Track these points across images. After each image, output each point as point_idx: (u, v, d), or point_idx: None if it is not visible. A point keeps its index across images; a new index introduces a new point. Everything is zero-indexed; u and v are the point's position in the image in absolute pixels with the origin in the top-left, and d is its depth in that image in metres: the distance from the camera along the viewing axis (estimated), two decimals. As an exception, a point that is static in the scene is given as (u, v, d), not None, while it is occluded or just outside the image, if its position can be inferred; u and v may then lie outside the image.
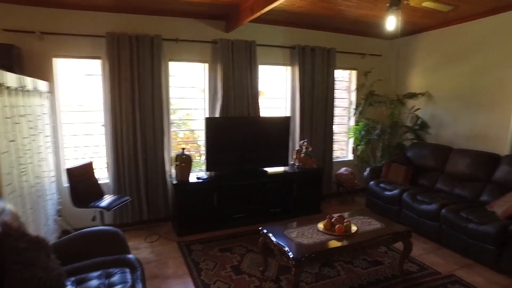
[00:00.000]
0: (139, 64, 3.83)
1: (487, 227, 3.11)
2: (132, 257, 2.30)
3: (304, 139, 4.70)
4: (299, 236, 2.74)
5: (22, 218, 1.93)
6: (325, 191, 4.99)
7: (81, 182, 3.36)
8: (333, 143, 5.20)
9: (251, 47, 4.33)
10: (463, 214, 3.36)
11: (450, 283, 2.88)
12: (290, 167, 4.56)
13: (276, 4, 3.10)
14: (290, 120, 4.55)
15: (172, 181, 3.89)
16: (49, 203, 3.28)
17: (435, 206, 3.66)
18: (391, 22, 2.77)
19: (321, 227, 2.87)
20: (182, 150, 3.85)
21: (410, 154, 4.81)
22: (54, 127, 3.66)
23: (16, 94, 2.59)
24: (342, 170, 5.20)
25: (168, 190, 4.15)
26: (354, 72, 5.42)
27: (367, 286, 2.81)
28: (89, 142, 4.07)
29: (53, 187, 3.48)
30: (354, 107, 5.45)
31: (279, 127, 4.43)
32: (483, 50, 4.17)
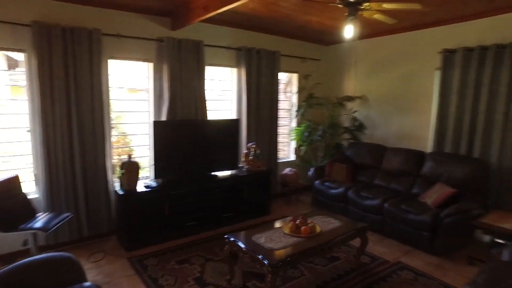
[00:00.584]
0: (75, 60, 3.37)
1: (423, 216, 3.51)
2: (91, 285, 2.00)
3: (252, 142, 4.71)
4: (268, 241, 2.72)
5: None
6: (271, 192, 5.07)
7: (5, 200, 2.81)
8: (278, 144, 5.31)
9: (199, 47, 4.16)
10: (403, 207, 3.73)
11: (399, 269, 3.18)
12: (239, 170, 4.51)
13: (236, 5, 3.03)
14: (239, 123, 4.50)
15: (118, 191, 3.52)
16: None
17: (378, 201, 4.00)
18: (349, 31, 2.93)
19: (287, 230, 2.89)
20: (129, 156, 3.51)
21: (349, 153, 5.18)
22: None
23: None
24: (287, 171, 5.34)
25: (111, 201, 3.74)
26: (296, 75, 5.62)
27: (331, 283, 2.93)
28: (10, 151, 3.44)
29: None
30: (296, 109, 5.66)
31: (228, 130, 4.36)
32: (408, 60, 4.69)
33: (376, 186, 4.54)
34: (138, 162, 3.58)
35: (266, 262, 2.40)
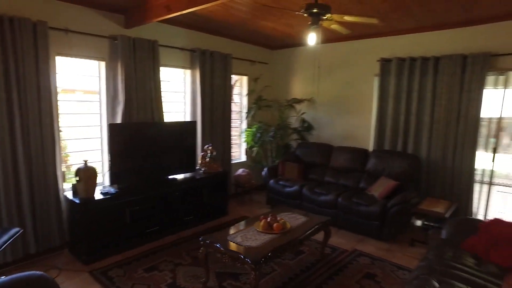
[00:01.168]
0: (16, 55, 2.99)
1: (373, 207, 3.92)
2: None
3: (208, 143, 4.70)
4: (244, 240, 2.78)
5: None
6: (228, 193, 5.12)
7: None
8: (231, 146, 5.37)
9: (154, 47, 4.03)
10: (355, 200, 4.11)
11: (357, 256, 3.50)
12: (197, 172, 4.48)
13: (204, 7, 3.03)
14: (196, 125, 4.47)
15: (73, 199, 3.23)
16: None
17: (332, 196, 4.32)
18: (312, 38, 3.15)
19: (260, 228, 2.99)
20: (85, 162, 3.24)
21: (299, 153, 5.48)
22: None
23: None
24: (240, 171, 5.44)
25: (62, 211, 3.40)
26: (245, 78, 5.75)
27: (301, 275, 3.10)
28: None
29: None
30: (246, 111, 5.79)
31: (185, 132, 4.30)
32: (351, 66, 5.15)
33: (327, 183, 4.89)
34: (95, 168, 3.33)
35: (248, 260, 2.46)
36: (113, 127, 3.50)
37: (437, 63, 4.23)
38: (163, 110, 4.18)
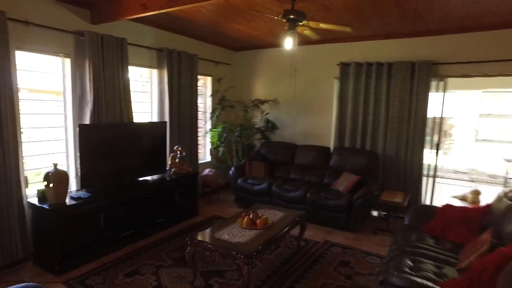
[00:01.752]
0: (-27, 50, 2.72)
1: (340, 201, 4.22)
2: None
3: (176, 144, 4.66)
4: (231, 237, 2.85)
5: None
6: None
7: None
8: (198, 146, 5.36)
9: (122, 45, 3.89)
10: (323, 195, 4.38)
11: (329, 246, 3.76)
12: (167, 173, 4.41)
13: (182, 8, 3.03)
14: (166, 125, 4.40)
15: (42, 206, 3.00)
16: None
17: (300, 192, 4.55)
18: (288, 43, 3.31)
19: (244, 224, 3.08)
20: (54, 165, 3.04)
21: (264, 152, 5.65)
22: None
23: None
24: (207, 172, 5.45)
25: (26, 220, 3.14)
26: (209, 79, 5.78)
27: (282, 267, 3.25)
28: None
29: None
30: (211, 112, 5.81)
31: (156, 133, 4.22)
32: (312, 68, 5.46)
33: (293, 180, 5.12)
34: (66, 172, 3.13)
35: (241, 255, 2.54)
36: (83, 128, 3.32)
37: (390, 68, 4.68)
38: (132, 111, 4.04)
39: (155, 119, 4.61)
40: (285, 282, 2.99)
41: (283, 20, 3.19)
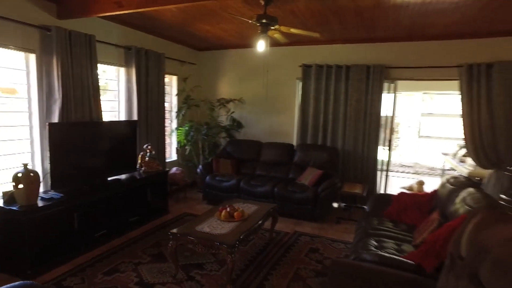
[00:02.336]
0: None
1: (306, 194, 4.52)
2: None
3: (144, 143, 4.65)
4: (212, 229, 2.99)
5: None
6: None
7: None
8: (165, 145, 5.37)
9: (91, 42, 3.81)
10: (290, 189, 4.66)
11: (298, 236, 4.03)
12: (138, 172, 4.39)
13: (159, 8, 3.10)
14: (137, 124, 4.37)
15: (11, 208, 2.87)
16: None
17: (268, 187, 4.79)
18: (261, 45, 3.51)
19: (222, 217, 3.22)
20: (25, 165, 2.93)
21: (230, 150, 5.80)
22: None
23: None
24: (174, 170, 5.47)
25: (-8, 223, 2.97)
26: (175, 78, 5.79)
27: (258, 257, 3.44)
28: None
29: None
30: (176, 110, 5.84)
31: (126, 132, 4.19)
32: (276, 69, 5.72)
33: (259, 176, 5.34)
34: (37, 172, 3.02)
35: (225, 245, 2.69)
36: (53, 127, 3.22)
37: (348, 70, 5.10)
38: (101, 109, 3.97)
39: (123, 117, 4.55)
40: (262, 269, 3.19)
41: (257, 24, 3.38)
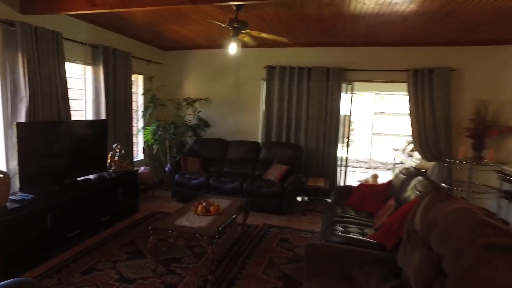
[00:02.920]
0: None
1: (273, 188, 4.79)
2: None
3: (113, 142, 4.61)
4: (191, 223, 3.12)
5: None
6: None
7: None
8: (133, 144, 5.34)
9: (58, 39, 3.73)
10: (257, 184, 4.90)
11: (268, 228, 4.28)
12: (108, 171, 4.36)
13: (134, 10, 3.15)
14: (107, 124, 4.33)
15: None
16: None
17: (237, 183, 4.98)
18: (233, 48, 3.69)
19: (199, 212, 3.36)
20: (-6, 166, 2.84)
21: (197, 148, 5.91)
22: None
23: None
24: (142, 169, 5.46)
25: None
26: (141, 77, 5.77)
27: (232, 249, 3.63)
28: None
29: None
30: (143, 110, 5.82)
31: (96, 131, 4.14)
32: (241, 69, 5.93)
33: (227, 173, 5.52)
34: (7, 173, 2.94)
35: (205, 236, 2.85)
36: (21, 126, 3.13)
37: (310, 72, 5.46)
38: (70, 108, 3.89)
39: (90, 117, 4.47)
40: (238, 260, 3.38)
41: (229, 28, 3.56)
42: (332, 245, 2.44)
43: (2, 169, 3.39)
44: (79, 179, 3.86)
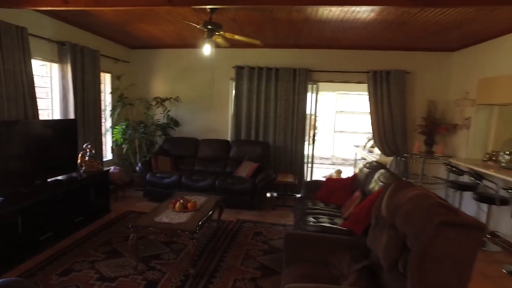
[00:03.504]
0: None
1: (245, 185, 4.97)
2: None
3: (82, 142, 4.52)
4: (171, 219, 3.21)
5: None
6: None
7: None
8: (102, 144, 5.24)
9: (23, 35, 3.60)
10: (229, 181, 5.04)
11: (242, 223, 4.45)
12: (78, 172, 4.27)
13: (108, 9, 3.16)
14: (77, 123, 4.23)
15: None
16: None
17: (209, 181, 5.10)
18: (207, 49, 3.79)
19: (177, 208, 3.44)
20: (-39, 168, 2.72)
21: (167, 147, 5.92)
22: None
23: None
24: (112, 169, 5.37)
25: None
26: (109, 76, 5.66)
27: (210, 244, 3.75)
28: None
29: None
30: (111, 109, 5.72)
31: (65, 131, 4.04)
32: (210, 69, 6.01)
33: (198, 171, 5.59)
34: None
35: (187, 232, 2.95)
36: (-12, 127, 3.02)
37: (277, 72, 5.69)
38: (38, 107, 3.77)
39: (57, 116, 4.35)
40: (216, 254, 3.51)
41: (203, 29, 3.66)
42: (308, 233, 2.66)
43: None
44: (49, 180, 3.76)
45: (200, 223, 3.13)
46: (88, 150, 4.41)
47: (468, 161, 4.52)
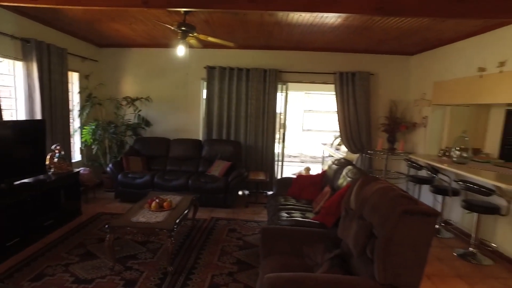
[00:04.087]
0: None
1: (218, 183, 5.05)
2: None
3: (50, 143, 4.39)
4: (148, 219, 3.23)
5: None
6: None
7: None
8: (71, 145, 5.10)
9: (-15, 33, 3.46)
10: (202, 180, 5.10)
11: (216, 221, 4.54)
12: (47, 174, 4.14)
13: (81, 8, 3.11)
14: (45, 124, 4.09)
15: None
16: None
17: (182, 180, 5.13)
18: (181, 50, 3.83)
19: (153, 208, 3.47)
20: None
21: (138, 147, 5.85)
22: None
23: None
24: (82, 170, 5.24)
25: None
26: (76, 74, 5.50)
27: (186, 242, 3.81)
28: None
29: None
30: (79, 109, 5.56)
31: (32, 132, 3.91)
32: (181, 69, 6.02)
33: (171, 171, 5.59)
34: None
35: (165, 230, 3.00)
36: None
37: (248, 73, 5.82)
38: (1, 108, 3.62)
39: (22, 116, 4.18)
40: (192, 251, 3.58)
41: (177, 30, 3.70)
42: (283, 227, 2.81)
43: None
44: (16, 183, 3.62)
45: (177, 221, 3.19)
46: (57, 151, 4.29)
47: (426, 156, 4.92)
